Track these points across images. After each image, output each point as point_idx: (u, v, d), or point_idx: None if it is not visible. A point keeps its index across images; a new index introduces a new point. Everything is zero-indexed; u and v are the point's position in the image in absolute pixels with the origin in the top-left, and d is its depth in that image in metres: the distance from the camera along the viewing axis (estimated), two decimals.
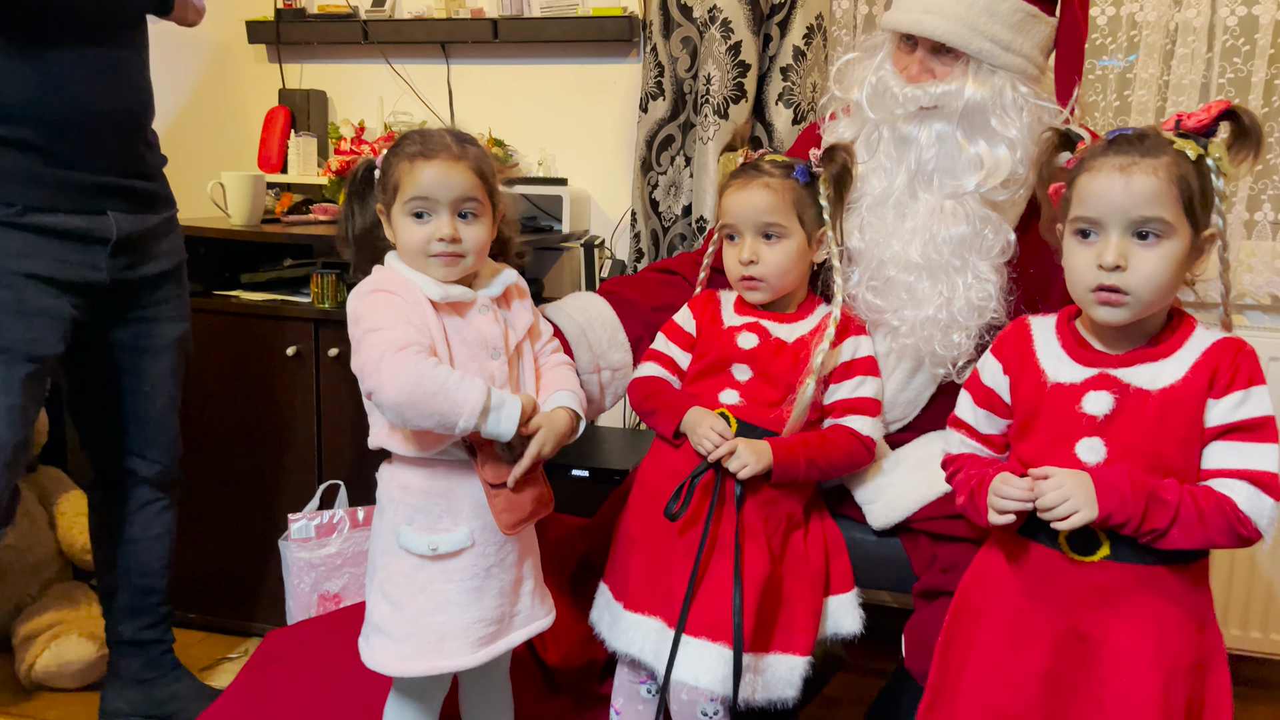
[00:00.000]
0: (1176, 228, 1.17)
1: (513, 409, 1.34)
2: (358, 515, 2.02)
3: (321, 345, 2.15)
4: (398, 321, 1.32)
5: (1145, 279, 1.18)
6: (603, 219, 2.64)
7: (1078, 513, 1.16)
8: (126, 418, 1.81)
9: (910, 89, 1.57)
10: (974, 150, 1.55)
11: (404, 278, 1.37)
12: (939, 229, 1.55)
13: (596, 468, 2.15)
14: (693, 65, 2.32)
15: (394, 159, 1.38)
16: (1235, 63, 2.12)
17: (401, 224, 1.38)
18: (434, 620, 1.38)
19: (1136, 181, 1.18)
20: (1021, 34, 1.54)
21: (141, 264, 1.73)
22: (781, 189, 1.54)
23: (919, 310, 1.56)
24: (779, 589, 1.50)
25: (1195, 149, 1.18)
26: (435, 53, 2.69)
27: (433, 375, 1.28)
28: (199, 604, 2.30)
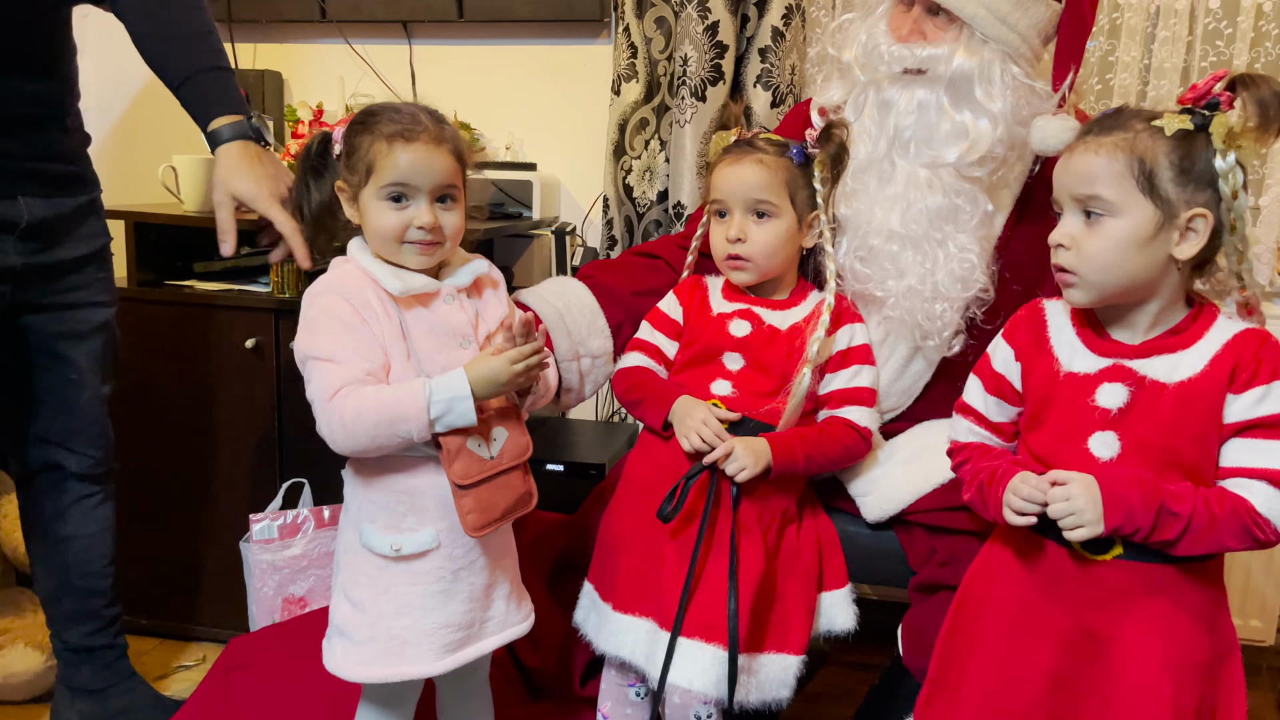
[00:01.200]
0: (1123, 206, 1.13)
1: (462, 402, 1.25)
2: (323, 514, 1.93)
3: (282, 336, 2.05)
4: (336, 346, 1.26)
5: (1089, 259, 1.15)
6: (573, 205, 2.56)
7: (1084, 526, 1.13)
8: (51, 408, 1.72)
9: (898, 48, 1.53)
10: (959, 118, 1.51)
11: (360, 276, 1.30)
12: (916, 199, 1.53)
13: (571, 461, 2.09)
14: (667, 46, 2.25)
15: (367, 137, 1.29)
16: (1218, 45, 2.11)
17: (375, 209, 1.30)
18: (396, 624, 1.31)
19: (1076, 159, 1.17)
20: (1020, 9, 1.50)
21: (57, 248, 1.64)
22: (775, 166, 1.49)
23: (902, 280, 1.53)
24: (773, 586, 1.46)
25: (1179, 122, 1.13)
26: (397, 32, 2.59)
27: (369, 417, 1.23)
28: (153, 610, 2.20)
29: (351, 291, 1.28)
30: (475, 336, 1.35)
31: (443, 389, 1.24)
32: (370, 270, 1.30)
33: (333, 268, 1.34)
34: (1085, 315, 1.24)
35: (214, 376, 2.09)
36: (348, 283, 1.29)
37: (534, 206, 2.37)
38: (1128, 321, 1.21)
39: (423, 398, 1.23)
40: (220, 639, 2.15)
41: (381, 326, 1.28)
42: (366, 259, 1.31)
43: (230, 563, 2.04)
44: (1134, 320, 1.20)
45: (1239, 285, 1.17)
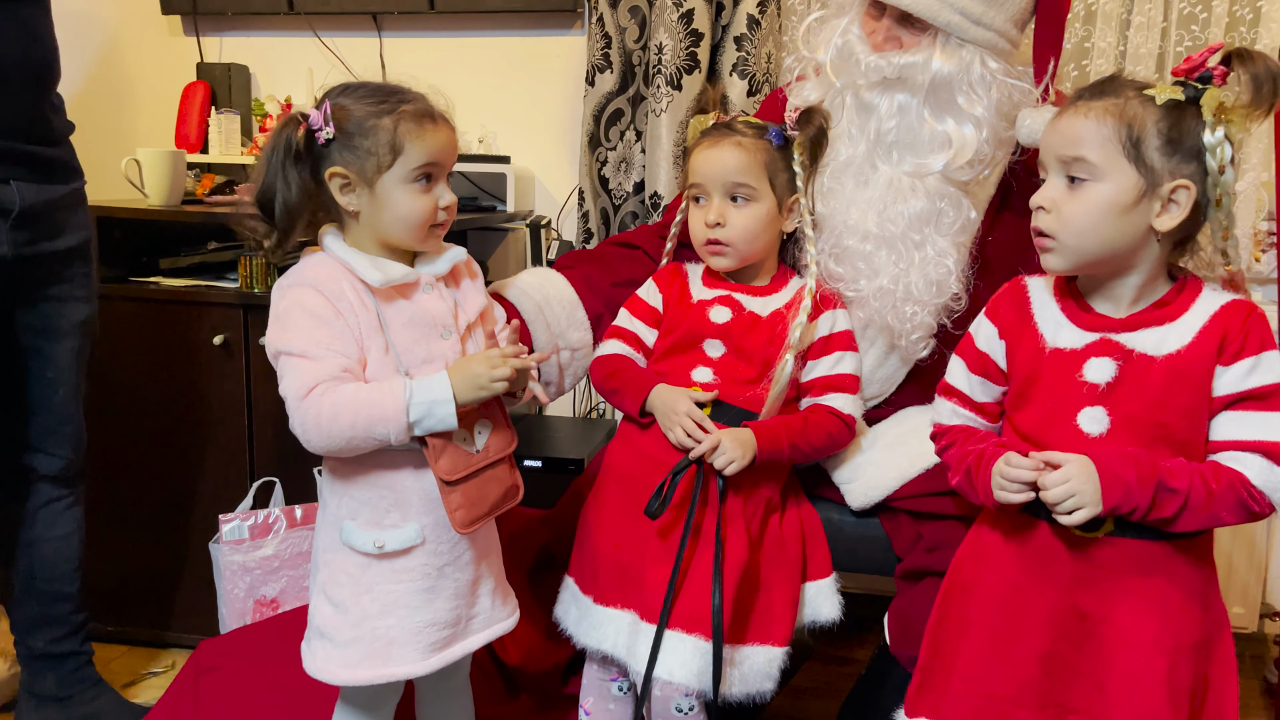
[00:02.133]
0: (1106, 170, 1.12)
1: (443, 405, 1.21)
2: (295, 514, 1.89)
3: (252, 332, 2.01)
4: (309, 342, 1.21)
5: (1067, 222, 1.14)
6: (548, 198, 2.53)
7: (1082, 509, 1.11)
8: (26, 407, 1.66)
9: (874, 58, 1.50)
10: (941, 128, 1.49)
11: (334, 267, 1.25)
12: (895, 203, 1.50)
13: (549, 457, 2.07)
14: (642, 35, 2.23)
15: (388, 118, 1.22)
16: (1193, 30, 2.10)
17: (402, 193, 1.24)
18: (381, 624, 1.27)
19: (1064, 121, 1.15)
20: (994, 6, 1.48)
21: (46, 239, 1.58)
22: (754, 149, 1.46)
23: (874, 280, 1.51)
24: (756, 577, 1.43)
25: (1170, 93, 1.12)
26: (366, 24, 2.56)
27: (344, 419, 1.18)
28: (119, 616, 2.15)
29: (324, 283, 1.23)
30: (456, 326, 1.31)
31: (423, 392, 1.21)
32: (347, 261, 1.25)
33: (303, 259, 1.28)
34: (1068, 289, 1.23)
35: (182, 374, 2.05)
36: (320, 274, 1.24)
37: (508, 199, 2.35)
38: (1110, 294, 1.19)
39: (402, 400, 1.19)
40: (190, 644, 2.08)
41: (358, 319, 1.24)
42: (341, 249, 1.26)
43: (200, 565, 2.00)
44: (1116, 293, 1.18)
45: (1224, 262, 1.16)
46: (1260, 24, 2.05)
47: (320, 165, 1.24)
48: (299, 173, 1.23)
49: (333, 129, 1.22)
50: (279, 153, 1.22)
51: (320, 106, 1.23)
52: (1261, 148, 2.06)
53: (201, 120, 2.51)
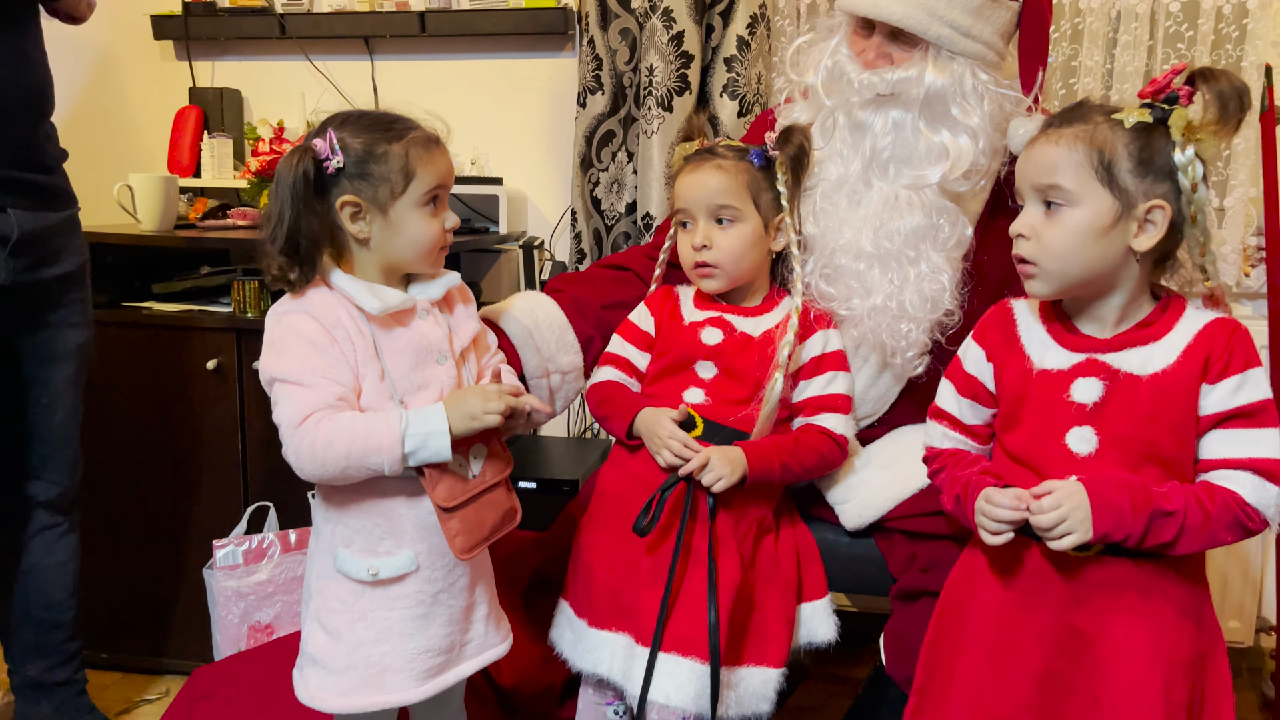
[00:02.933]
0: (1081, 195, 1.13)
1: (438, 438, 1.21)
2: (289, 538, 1.88)
3: (245, 357, 2.01)
4: (304, 369, 1.20)
5: (1047, 248, 1.15)
6: (540, 219, 2.54)
7: (1072, 534, 1.12)
8: (22, 434, 1.66)
9: (867, 75, 1.51)
10: (937, 139, 1.50)
11: (329, 295, 1.25)
12: (892, 219, 1.50)
13: (543, 478, 2.06)
14: (633, 57, 2.24)
15: (397, 144, 1.23)
16: (1179, 49, 2.12)
17: (415, 217, 1.25)
18: (374, 651, 1.26)
19: (1037, 150, 1.17)
20: (981, 19, 1.49)
21: (43, 265, 1.58)
22: (734, 170, 1.47)
23: (868, 299, 1.51)
24: (751, 598, 1.43)
25: (1138, 115, 1.13)
26: (359, 48, 2.57)
27: (338, 448, 1.18)
28: (112, 643, 2.13)
29: (320, 311, 1.23)
30: (451, 351, 1.31)
31: (419, 423, 1.21)
32: (344, 289, 1.25)
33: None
34: (1053, 311, 1.23)
35: (175, 399, 2.04)
36: (316, 301, 1.24)
37: (500, 221, 2.35)
38: (1094, 315, 1.20)
39: (397, 431, 1.19)
40: (185, 671, 2.09)
41: (354, 347, 1.23)
42: (339, 278, 1.26)
43: (194, 591, 1.99)
44: (1101, 314, 1.19)
45: (1203, 277, 1.17)
46: (1246, 41, 2.07)
47: (329, 194, 1.24)
48: (320, 204, 1.23)
49: (341, 158, 1.22)
50: (298, 186, 1.21)
51: (323, 135, 1.23)
52: (1249, 164, 2.07)
53: (194, 144, 2.51)
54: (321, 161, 1.22)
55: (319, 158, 1.22)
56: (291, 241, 1.22)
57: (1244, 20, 2.07)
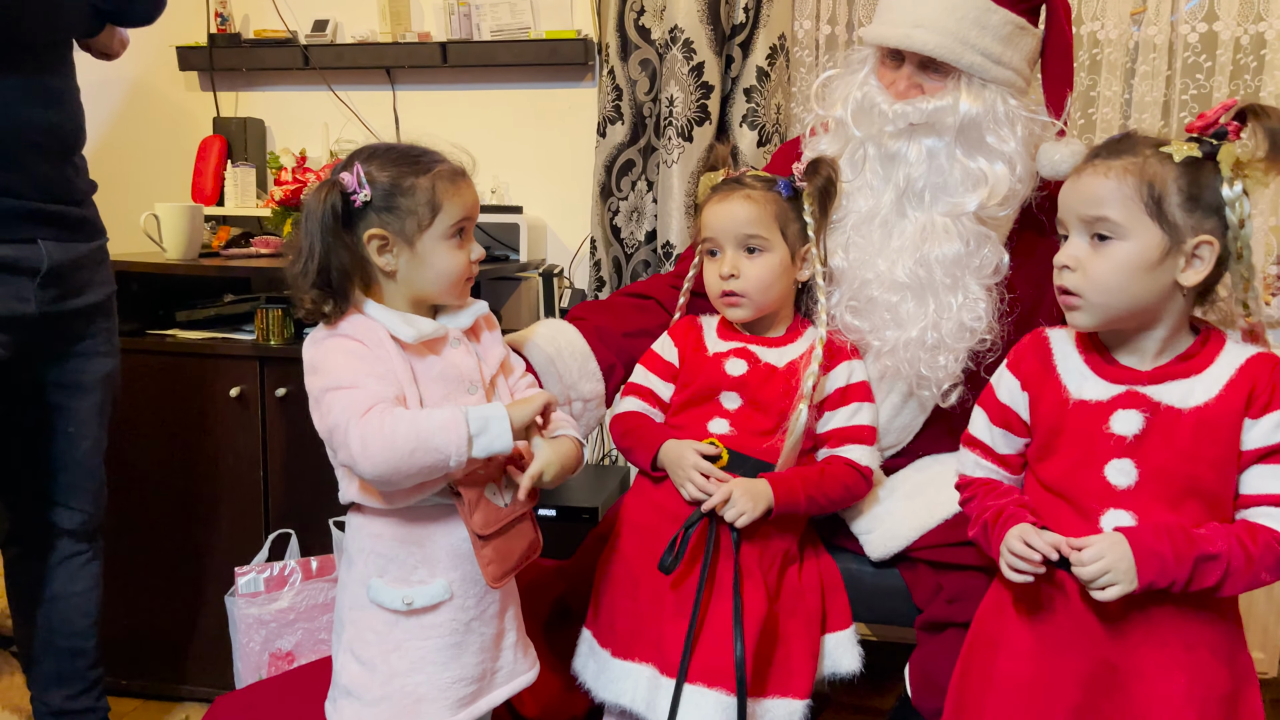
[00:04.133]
0: (1130, 229, 1.13)
1: (499, 422, 1.20)
2: (311, 566, 1.88)
3: (268, 385, 2.02)
4: (357, 374, 1.20)
5: (1094, 281, 1.15)
6: (560, 247, 2.55)
7: (1116, 585, 1.11)
8: (48, 462, 1.66)
9: (900, 105, 1.51)
10: (973, 165, 1.49)
11: (366, 322, 1.25)
12: (930, 248, 1.50)
13: (564, 506, 2.06)
14: (653, 88, 2.26)
15: (424, 178, 1.24)
16: (1197, 79, 2.13)
17: (442, 249, 1.26)
18: (409, 681, 1.26)
19: (1084, 181, 1.16)
20: (1010, 47, 1.50)
21: (71, 296, 1.59)
22: (763, 200, 1.48)
23: (902, 331, 1.50)
24: (775, 629, 1.42)
25: (1187, 150, 1.13)
26: (381, 78, 2.59)
27: (405, 432, 1.16)
28: (133, 669, 2.13)
29: (362, 334, 1.24)
30: (482, 380, 1.32)
31: (478, 411, 1.20)
32: (378, 318, 1.25)
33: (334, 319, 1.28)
34: (1091, 342, 1.23)
35: (197, 427, 2.05)
36: (357, 327, 1.25)
37: (521, 249, 2.36)
38: (1135, 347, 1.20)
39: (461, 415, 1.18)
40: (205, 698, 2.08)
41: (395, 367, 1.24)
42: (373, 308, 1.27)
43: (215, 618, 1.99)
44: (1141, 346, 1.19)
45: (1245, 313, 1.17)
46: (1264, 72, 2.08)
47: (356, 227, 1.25)
48: (350, 237, 1.24)
49: (368, 191, 1.23)
50: (327, 220, 1.22)
51: (350, 169, 1.24)
52: (1269, 193, 2.07)
53: (217, 173, 2.54)
54: (349, 195, 1.23)
55: (346, 191, 1.23)
56: (324, 274, 1.23)
57: (1262, 51, 2.08)
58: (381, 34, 2.53)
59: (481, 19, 2.48)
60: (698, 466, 1.41)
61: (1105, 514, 1.17)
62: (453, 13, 2.48)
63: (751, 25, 2.18)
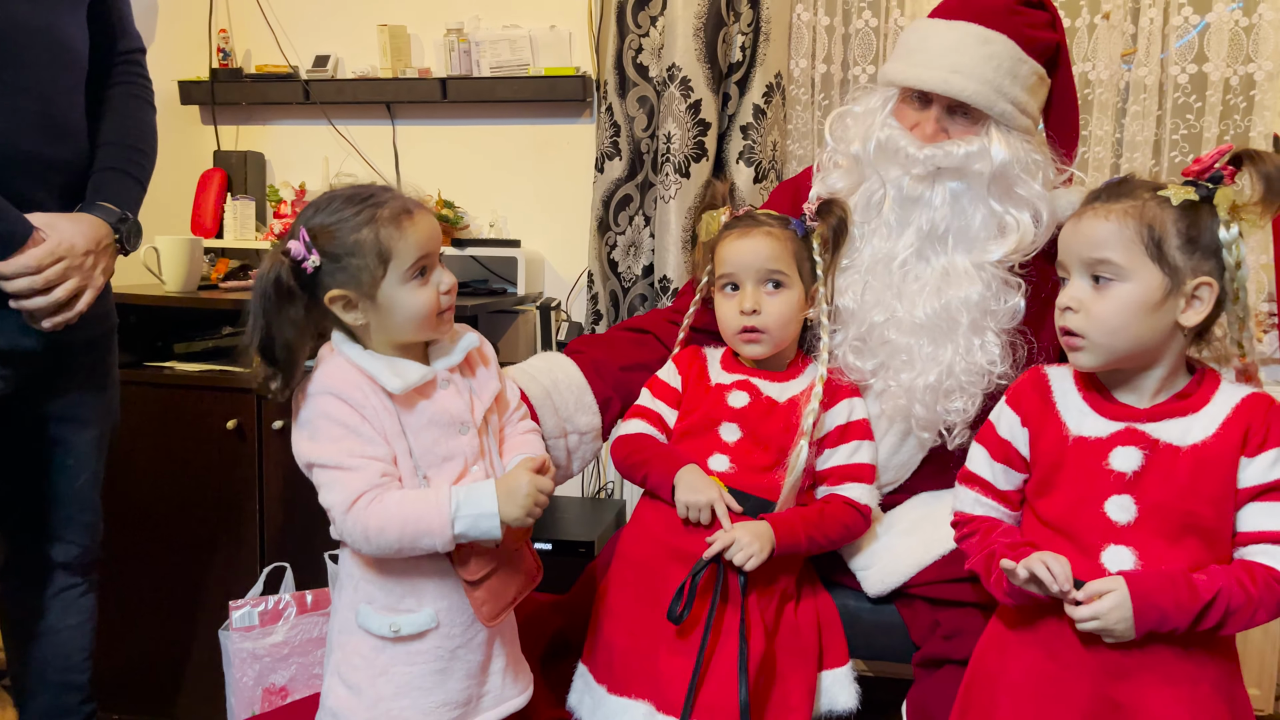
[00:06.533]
0: (1132, 271, 1.15)
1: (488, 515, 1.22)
2: (306, 599, 1.87)
3: (265, 418, 2.02)
4: (342, 454, 1.21)
5: (1097, 322, 1.16)
6: (558, 281, 2.57)
7: (1114, 636, 1.13)
8: (46, 495, 1.66)
9: (929, 150, 1.50)
10: (1002, 211, 1.50)
11: (352, 373, 1.24)
12: (953, 291, 1.50)
13: (559, 540, 2.05)
14: (650, 124, 2.28)
15: (366, 229, 1.20)
16: (1187, 119, 2.16)
17: (404, 293, 1.23)
18: (395, 705, 1.27)
19: (1086, 224, 1.18)
20: (1033, 96, 1.52)
21: (72, 330, 1.59)
22: (783, 238, 1.50)
23: (917, 374, 1.50)
24: (773, 666, 1.42)
25: (1185, 193, 1.15)
26: (380, 113, 2.62)
27: (393, 532, 1.20)
28: (127, 703, 2.12)
29: (347, 392, 1.23)
30: (473, 419, 1.32)
31: (470, 504, 1.21)
32: (364, 367, 1.25)
33: (321, 361, 1.27)
34: (1090, 380, 1.24)
35: (194, 458, 2.05)
36: (341, 382, 1.24)
37: (519, 282, 2.38)
38: (1134, 386, 1.21)
39: (447, 513, 1.20)
40: None
41: (382, 423, 1.24)
42: (359, 355, 1.26)
43: (209, 652, 1.97)
44: (1140, 385, 1.21)
45: (1239, 353, 1.18)
46: (1254, 112, 2.11)
47: (316, 292, 1.23)
48: (294, 309, 1.21)
49: (317, 256, 1.20)
50: (270, 296, 1.19)
51: (297, 235, 1.21)
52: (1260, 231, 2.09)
53: (217, 206, 2.55)
54: (300, 263, 1.20)
55: (296, 260, 1.20)
56: (266, 350, 1.21)
57: (1251, 91, 2.11)
58: (382, 70, 2.55)
59: (481, 55, 2.51)
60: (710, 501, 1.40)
61: (1105, 550, 1.18)
62: (453, 49, 2.51)
63: (748, 64, 2.21)
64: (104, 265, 1.56)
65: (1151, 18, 2.13)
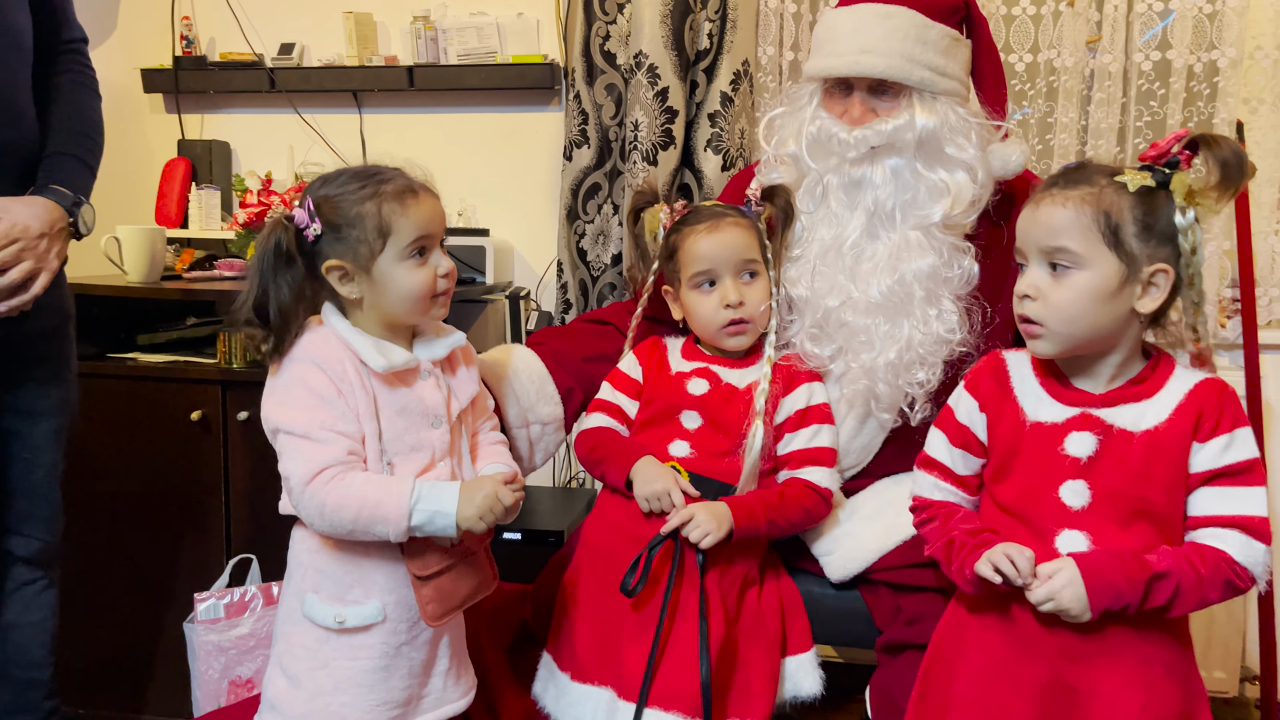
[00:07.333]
0: (1089, 259, 1.15)
1: (445, 514, 1.21)
2: (273, 591, 1.86)
3: (230, 408, 2.00)
4: (311, 424, 1.20)
5: (1055, 310, 1.16)
6: (527, 270, 2.56)
7: (1070, 617, 1.13)
8: (2, 489, 1.64)
9: (860, 131, 1.52)
10: (934, 178, 1.52)
11: (338, 346, 1.25)
12: (906, 264, 1.51)
13: (529, 529, 2.04)
14: (618, 112, 2.27)
15: (370, 204, 1.22)
16: (1151, 106, 2.17)
17: (400, 271, 1.24)
18: (333, 701, 1.26)
19: (1043, 211, 1.18)
20: (950, 58, 1.54)
21: (25, 319, 1.57)
22: (750, 227, 1.52)
23: (877, 353, 1.51)
24: (734, 653, 1.42)
25: (1141, 179, 1.16)
26: (347, 101, 2.59)
27: (350, 511, 1.19)
28: (91, 699, 2.10)
29: (328, 362, 1.23)
30: (448, 415, 1.31)
31: (429, 499, 1.20)
32: (350, 342, 1.25)
33: (306, 333, 1.27)
34: (1048, 366, 1.25)
35: (158, 451, 2.03)
36: (324, 352, 1.24)
37: (487, 272, 2.36)
38: (1091, 372, 1.22)
39: (405, 504, 1.19)
40: None
41: (357, 400, 1.23)
42: (346, 329, 1.26)
43: (175, 646, 1.97)
44: (1097, 370, 1.21)
45: (1194, 338, 1.19)
46: (1217, 99, 2.12)
47: (315, 261, 1.25)
48: (291, 274, 1.23)
49: (319, 225, 1.23)
50: (269, 258, 1.22)
51: (303, 204, 1.24)
52: (1222, 217, 2.11)
53: (182, 196, 2.52)
54: (302, 230, 1.23)
55: (299, 227, 1.23)
56: (261, 312, 1.23)
57: (1214, 78, 2.12)
58: (348, 58, 2.53)
59: (448, 43, 2.49)
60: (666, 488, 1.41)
61: (1060, 534, 1.19)
62: (419, 37, 2.49)
63: (715, 51, 2.20)
64: (58, 248, 1.54)
65: (1116, 4, 2.13)
